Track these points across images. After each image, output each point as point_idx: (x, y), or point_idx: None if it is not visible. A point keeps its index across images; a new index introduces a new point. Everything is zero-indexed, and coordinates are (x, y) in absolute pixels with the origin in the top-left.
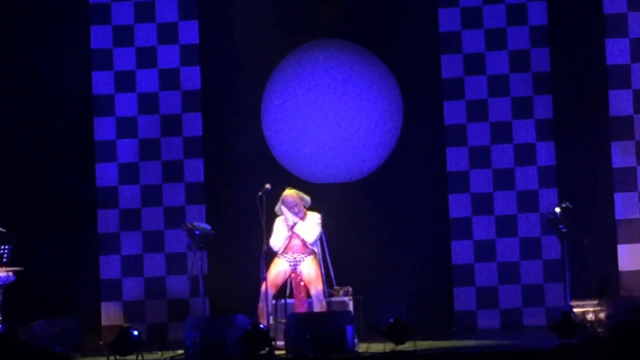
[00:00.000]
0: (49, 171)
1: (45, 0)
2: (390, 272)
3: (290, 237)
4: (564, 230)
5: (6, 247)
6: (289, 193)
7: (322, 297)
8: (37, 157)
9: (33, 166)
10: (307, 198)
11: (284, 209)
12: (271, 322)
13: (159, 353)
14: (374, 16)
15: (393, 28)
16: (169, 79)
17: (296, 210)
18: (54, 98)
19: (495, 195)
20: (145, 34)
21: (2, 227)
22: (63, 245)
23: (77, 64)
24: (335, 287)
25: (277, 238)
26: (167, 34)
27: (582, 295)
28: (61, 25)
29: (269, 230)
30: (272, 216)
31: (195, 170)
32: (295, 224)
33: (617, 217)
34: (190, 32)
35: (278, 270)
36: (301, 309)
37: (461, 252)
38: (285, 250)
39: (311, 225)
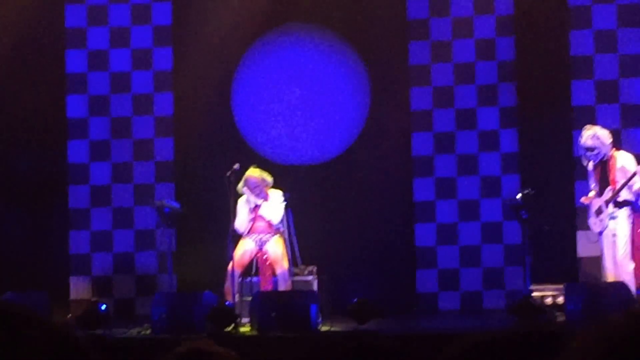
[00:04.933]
0: (21, 147)
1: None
2: (355, 252)
3: (254, 218)
4: (524, 216)
5: None
6: (252, 174)
7: (287, 276)
8: (9, 134)
9: (5, 142)
10: (270, 179)
11: (246, 190)
12: (237, 299)
13: (127, 330)
14: (344, 2)
15: (362, 14)
16: (141, 57)
17: (257, 191)
18: (28, 76)
19: (458, 181)
20: (120, 13)
21: None
22: (33, 220)
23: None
24: (300, 266)
25: (241, 221)
26: (141, 14)
27: (541, 279)
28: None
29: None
30: (239, 196)
31: (165, 148)
32: (257, 206)
33: (577, 204)
34: (163, 14)
35: (244, 249)
36: (267, 287)
37: (424, 235)
38: (251, 230)
39: (275, 206)
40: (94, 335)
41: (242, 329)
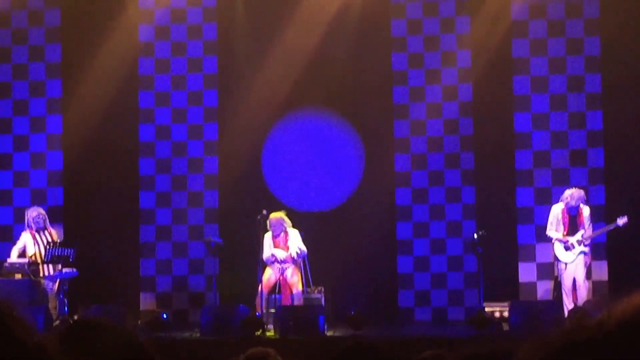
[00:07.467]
0: (106, 162)
1: None
2: (352, 277)
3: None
4: (480, 251)
5: (71, 250)
6: (274, 216)
7: (301, 294)
8: (98, 152)
9: (94, 159)
10: (289, 222)
11: (269, 227)
12: (264, 311)
13: (182, 333)
14: (345, 90)
15: (359, 99)
16: (194, 96)
17: (275, 228)
18: (110, 110)
19: (430, 224)
20: (179, 64)
21: (69, 236)
22: (113, 251)
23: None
24: (311, 287)
25: (266, 253)
26: (194, 65)
27: (491, 298)
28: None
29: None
30: (267, 232)
31: (211, 199)
32: (286, 257)
33: (519, 242)
34: (211, 65)
35: (270, 274)
36: (286, 302)
37: (404, 264)
38: (275, 261)
39: (299, 244)
40: (158, 337)
41: (267, 334)
